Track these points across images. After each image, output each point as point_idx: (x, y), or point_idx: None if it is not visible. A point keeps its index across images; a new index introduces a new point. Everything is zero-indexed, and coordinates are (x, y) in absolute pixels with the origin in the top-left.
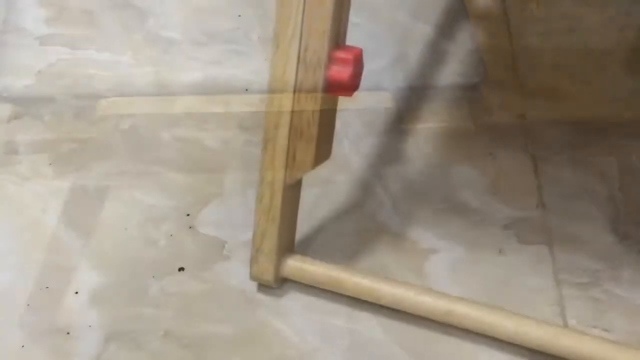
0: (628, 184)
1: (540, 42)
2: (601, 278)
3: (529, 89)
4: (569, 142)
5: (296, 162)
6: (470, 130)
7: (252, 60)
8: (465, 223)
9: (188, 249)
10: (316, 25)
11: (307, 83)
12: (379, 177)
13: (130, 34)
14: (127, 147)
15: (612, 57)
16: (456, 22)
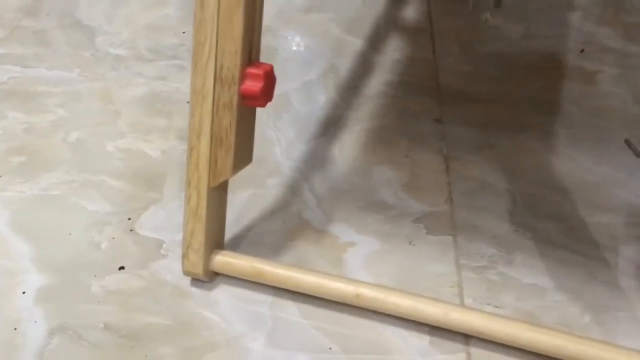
0: (525, 180)
1: (460, 52)
2: (496, 262)
3: (447, 96)
4: (479, 142)
5: (217, 167)
6: (391, 134)
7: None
8: (381, 218)
9: (128, 250)
10: (228, 46)
11: (223, 97)
12: (306, 180)
13: (79, 51)
14: (74, 159)
15: (524, 65)
16: (385, 35)
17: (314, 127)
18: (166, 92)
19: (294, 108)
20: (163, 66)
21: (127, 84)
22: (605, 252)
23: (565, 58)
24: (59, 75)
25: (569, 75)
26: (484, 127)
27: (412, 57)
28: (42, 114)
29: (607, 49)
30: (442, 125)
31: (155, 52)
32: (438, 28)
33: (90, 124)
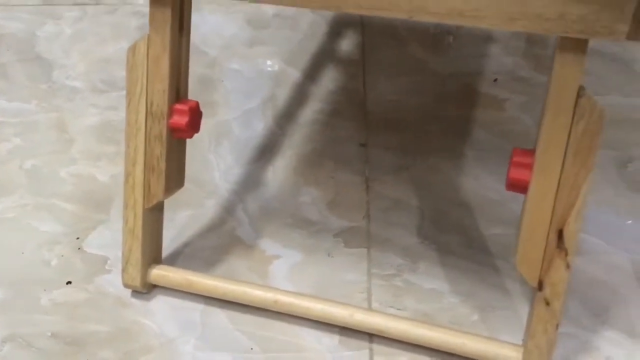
0: (434, 198)
1: (387, 82)
2: (402, 270)
3: (373, 122)
4: (397, 165)
5: (151, 191)
6: (320, 158)
7: None
8: (305, 233)
9: (76, 266)
10: (157, 86)
11: (154, 130)
12: (241, 200)
13: (37, 84)
14: (29, 184)
15: (443, 94)
16: (321, 67)
17: (251, 152)
18: (117, 121)
19: (234, 135)
20: (115, 97)
21: (81, 114)
22: (497, 259)
23: (480, 87)
24: (17, 106)
25: (482, 103)
26: (403, 150)
27: (344, 87)
28: (0, 142)
29: (517, 78)
30: (365, 149)
31: (108, 83)
32: (370, 60)
33: (45, 151)
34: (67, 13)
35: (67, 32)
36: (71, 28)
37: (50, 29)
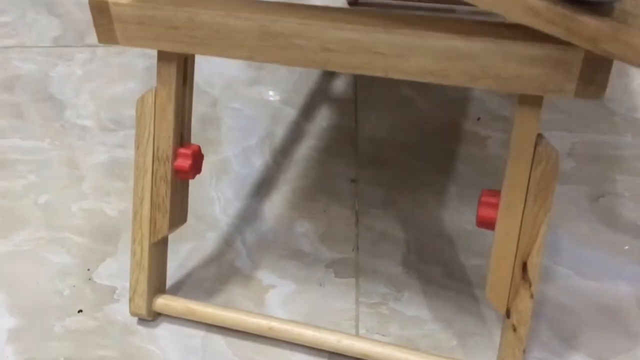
0: (419, 230)
1: (378, 120)
2: (388, 299)
3: (363, 159)
4: (385, 199)
5: (156, 227)
6: (313, 193)
7: None
8: (299, 264)
9: (86, 296)
10: (163, 132)
11: (160, 172)
12: (239, 233)
13: (50, 123)
14: (43, 218)
15: (429, 132)
16: (316, 105)
17: (249, 187)
18: (124, 158)
19: (234, 171)
20: (123, 135)
21: (91, 151)
22: (475, 288)
23: (464, 125)
24: (32, 144)
25: (465, 140)
26: (390, 185)
27: (337, 124)
28: (16, 179)
29: (499, 117)
30: (356, 185)
31: (117, 122)
32: (361, 98)
33: (57, 187)
34: (78, 54)
35: (78, 73)
36: (82, 69)
37: (62, 70)
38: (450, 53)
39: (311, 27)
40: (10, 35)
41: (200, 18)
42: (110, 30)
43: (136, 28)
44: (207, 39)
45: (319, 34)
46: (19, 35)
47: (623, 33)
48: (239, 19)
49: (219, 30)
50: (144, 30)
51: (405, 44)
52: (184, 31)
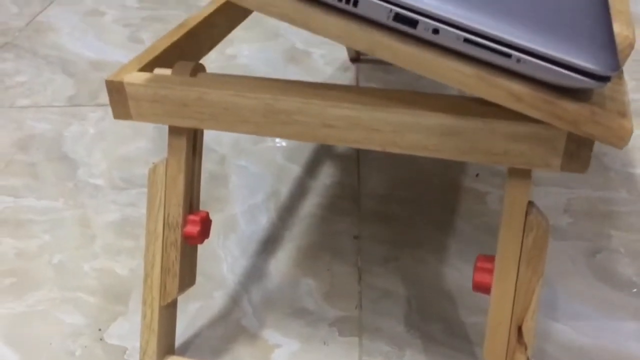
0: (420, 288)
1: (380, 177)
2: (390, 357)
3: (365, 216)
4: (387, 256)
5: (166, 290)
6: (317, 250)
7: None
8: (303, 323)
9: (98, 356)
10: (173, 200)
11: (170, 237)
12: (246, 292)
13: (64, 182)
14: (56, 278)
15: (429, 188)
16: (319, 163)
17: (255, 245)
18: (135, 217)
19: (240, 229)
20: (134, 194)
21: (103, 210)
22: (475, 347)
23: (463, 181)
24: (46, 204)
25: (465, 196)
26: (392, 242)
27: (339, 181)
28: (31, 239)
29: (497, 173)
30: (359, 241)
31: (128, 181)
32: (363, 155)
33: (70, 247)
34: (91, 113)
35: (91, 131)
36: (95, 128)
37: (75, 129)
38: (442, 130)
39: (313, 106)
40: (26, 95)
41: (209, 97)
42: (124, 107)
43: (149, 105)
44: (215, 115)
45: (320, 112)
46: (34, 95)
47: (601, 117)
48: (246, 98)
49: (227, 108)
50: (157, 107)
51: (401, 122)
52: (194, 108)
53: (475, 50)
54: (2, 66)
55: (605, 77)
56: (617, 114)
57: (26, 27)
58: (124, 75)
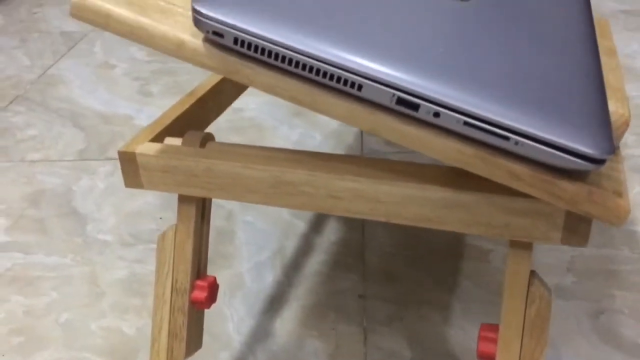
0: (424, 348)
1: (385, 234)
2: None
3: (370, 274)
4: (392, 315)
5: (173, 355)
6: (322, 309)
7: None
8: None
9: None
10: (182, 266)
11: (178, 303)
12: (251, 352)
13: (73, 238)
14: (63, 338)
15: (434, 246)
16: (325, 219)
17: (261, 304)
18: (143, 274)
19: (247, 286)
20: (141, 250)
21: (111, 266)
22: None
23: (467, 239)
24: (55, 261)
25: (469, 254)
26: (397, 301)
27: (345, 238)
28: (39, 297)
29: None
30: (364, 300)
31: (136, 237)
32: None
33: (78, 304)
34: (101, 168)
35: (100, 186)
36: (104, 182)
37: (85, 184)
38: (444, 203)
39: (319, 178)
40: (37, 149)
41: (218, 168)
42: (136, 176)
43: (160, 175)
44: (224, 186)
45: (325, 183)
46: (45, 149)
47: (599, 197)
48: (253, 170)
49: (235, 179)
50: (167, 177)
51: (404, 194)
52: (203, 179)
53: (475, 132)
54: (13, 119)
55: (602, 160)
56: (613, 194)
57: (38, 80)
58: (136, 146)
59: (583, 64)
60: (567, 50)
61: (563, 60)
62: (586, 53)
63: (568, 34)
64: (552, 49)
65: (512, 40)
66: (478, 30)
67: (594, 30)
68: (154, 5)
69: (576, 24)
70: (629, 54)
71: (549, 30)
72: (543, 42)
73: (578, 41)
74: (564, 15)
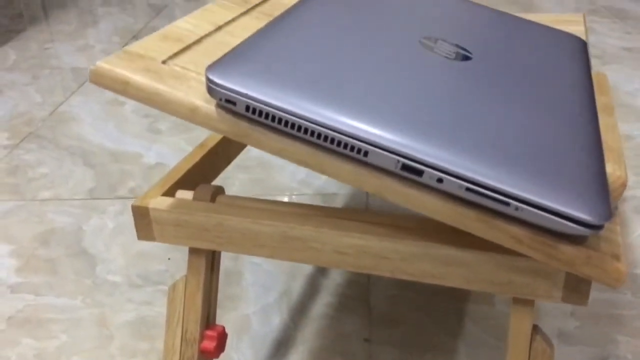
0: None
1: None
2: None
3: (375, 317)
4: None
5: None
6: (328, 354)
7: None
8: None
9: None
10: (192, 316)
11: (187, 353)
12: None
13: (82, 279)
14: None
15: (439, 289)
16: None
17: (268, 348)
18: (151, 316)
19: (254, 330)
20: (149, 292)
21: (120, 309)
22: None
23: None
24: (65, 302)
25: (473, 297)
26: (402, 345)
27: (351, 280)
28: (50, 340)
29: None
30: (369, 344)
31: (144, 278)
32: None
33: (88, 348)
34: (110, 207)
35: (110, 226)
36: (113, 222)
37: (95, 223)
38: (448, 261)
39: (325, 235)
40: (47, 187)
41: (228, 223)
42: (149, 230)
43: (172, 229)
44: (234, 240)
45: (332, 240)
46: (55, 187)
47: (597, 260)
48: (262, 225)
49: (245, 234)
50: (179, 231)
51: (409, 251)
52: (214, 233)
53: (476, 197)
54: (25, 157)
55: (599, 225)
56: (611, 257)
57: (49, 117)
58: (149, 201)
59: (581, 125)
60: (566, 112)
61: (562, 123)
62: (584, 114)
63: (567, 94)
64: (551, 111)
65: (511, 102)
66: (478, 93)
67: (592, 87)
68: (169, 71)
69: (575, 83)
70: (630, 91)
71: (548, 91)
72: (542, 104)
73: (577, 102)
74: (563, 73)
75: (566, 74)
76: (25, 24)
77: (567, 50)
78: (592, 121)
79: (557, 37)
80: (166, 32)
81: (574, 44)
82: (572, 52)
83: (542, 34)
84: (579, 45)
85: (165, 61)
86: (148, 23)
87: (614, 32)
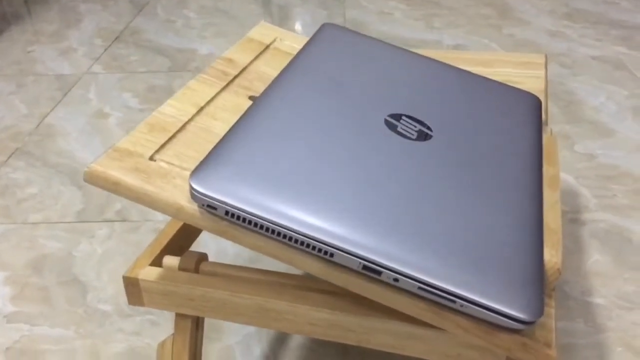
0: None
1: None
2: None
3: (352, 350)
4: None
5: None
6: None
7: (164, 331)
8: None
9: None
10: None
11: None
12: None
13: (74, 308)
14: None
15: None
16: None
17: None
18: (140, 347)
19: None
20: (138, 321)
21: (110, 339)
22: None
23: None
24: (59, 333)
25: None
26: None
27: None
28: None
29: None
30: None
31: (133, 307)
32: None
33: None
34: (98, 231)
35: (99, 251)
36: (102, 247)
37: (84, 249)
38: (406, 335)
39: (298, 309)
40: (37, 209)
41: (211, 295)
42: (139, 297)
43: (160, 297)
44: (216, 309)
45: (305, 313)
46: (45, 209)
47: (531, 347)
48: (242, 298)
49: (226, 304)
50: (166, 299)
51: (372, 326)
52: (198, 302)
53: (428, 295)
54: (14, 176)
55: (532, 322)
56: (544, 345)
57: (35, 131)
58: (138, 271)
59: (527, 212)
60: (514, 199)
61: (508, 212)
62: (531, 195)
63: (517, 173)
64: (499, 198)
65: (463, 190)
66: (434, 185)
67: (542, 158)
68: (156, 169)
69: (526, 156)
70: (595, 106)
71: (499, 171)
72: (492, 190)
73: (526, 183)
74: (516, 144)
75: (519, 146)
76: (8, 23)
77: (521, 115)
78: (537, 203)
79: (514, 97)
80: (152, 122)
81: (529, 103)
82: (527, 114)
83: (500, 95)
84: (534, 105)
85: (152, 156)
86: (130, 23)
87: (585, 38)
